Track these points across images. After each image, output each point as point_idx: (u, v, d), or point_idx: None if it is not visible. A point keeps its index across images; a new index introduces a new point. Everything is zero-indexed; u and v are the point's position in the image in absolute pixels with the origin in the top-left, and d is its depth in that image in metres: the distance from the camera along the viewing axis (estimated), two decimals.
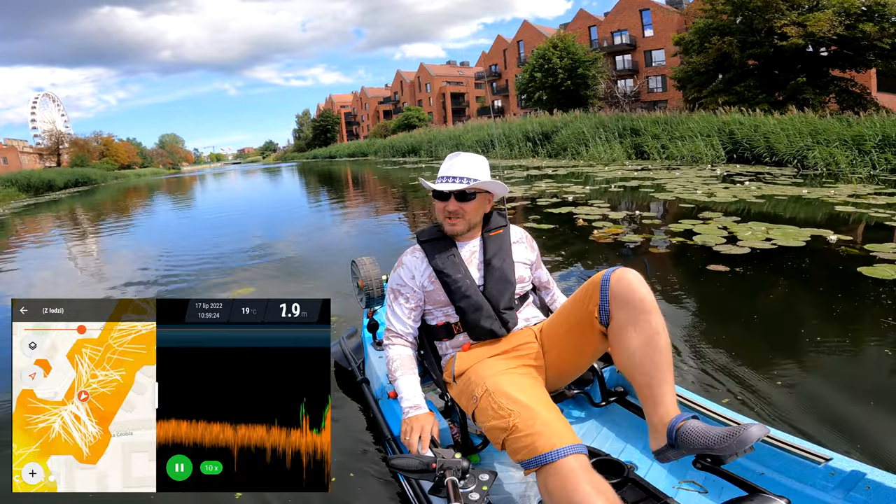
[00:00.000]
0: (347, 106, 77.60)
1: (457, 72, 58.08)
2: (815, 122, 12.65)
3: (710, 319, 3.17)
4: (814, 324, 2.98)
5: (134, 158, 66.83)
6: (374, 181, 17.83)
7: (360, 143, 52.98)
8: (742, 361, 2.49)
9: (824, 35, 15.12)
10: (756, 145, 13.00)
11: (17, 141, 59.94)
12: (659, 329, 1.28)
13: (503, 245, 1.68)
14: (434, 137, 30.29)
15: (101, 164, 50.98)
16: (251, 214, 11.18)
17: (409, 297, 1.64)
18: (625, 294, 1.31)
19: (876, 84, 21.36)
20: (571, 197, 8.45)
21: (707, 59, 18.34)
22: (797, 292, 3.59)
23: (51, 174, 31.26)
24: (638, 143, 16.28)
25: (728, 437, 1.09)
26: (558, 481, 1.09)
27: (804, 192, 7.65)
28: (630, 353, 1.29)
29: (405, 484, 1.49)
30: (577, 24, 36.71)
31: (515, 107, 38.62)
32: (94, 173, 39.26)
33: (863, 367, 2.46)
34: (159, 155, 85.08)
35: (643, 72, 33.11)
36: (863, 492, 1.19)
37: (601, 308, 1.36)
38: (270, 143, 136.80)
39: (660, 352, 1.26)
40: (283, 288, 4.33)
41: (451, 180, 1.59)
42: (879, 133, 11.22)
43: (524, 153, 20.59)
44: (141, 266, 5.75)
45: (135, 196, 21.08)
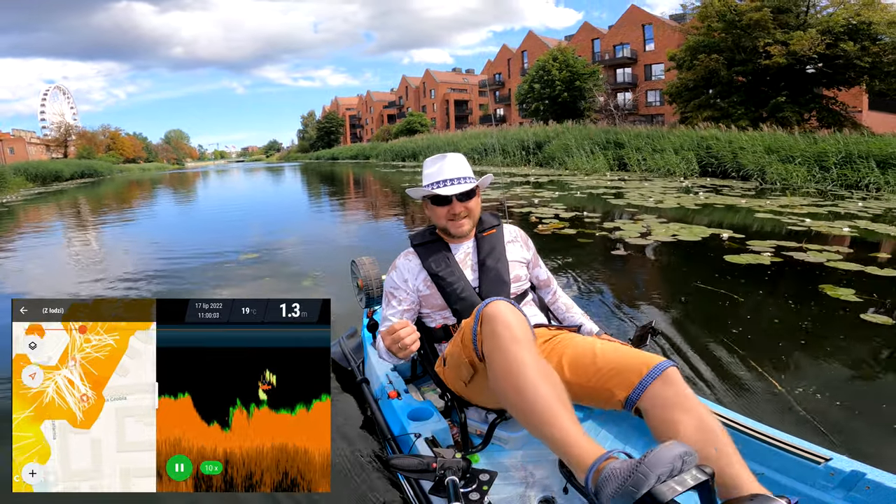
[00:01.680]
0: (353, 109, 78.65)
1: (461, 79, 58.85)
2: (782, 139, 13.31)
3: (601, 288, 4.03)
4: (674, 288, 4.14)
5: (139, 153, 67.86)
6: (371, 182, 18.53)
7: (363, 145, 53.71)
8: (618, 309, 3.42)
9: (805, 54, 15.70)
10: (725, 160, 13.71)
11: (25, 132, 60.58)
12: (706, 417, 1.14)
13: (497, 245, 1.69)
14: (433, 143, 30.92)
15: (106, 157, 51.78)
16: (252, 213, 11.28)
17: (402, 300, 1.64)
18: (662, 395, 1.19)
19: (867, 102, 21.92)
20: (538, 200, 9.15)
21: (696, 75, 19.04)
22: (670, 270, 4.74)
23: (58, 165, 31.70)
24: (620, 155, 16.98)
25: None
26: (493, 333, 1.20)
27: (742, 202, 8.35)
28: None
29: (405, 484, 1.51)
30: (581, 36, 37.58)
31: (517, 116, 39.37)
32: (100, 165, 39.93)
33: (688, 320, 3.23)
34: (164, 150, 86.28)
35: (642, 85, 33.88)
36: (863, 491, 1.20)
37: (630, 399, 1.23)
38: (275, 142, 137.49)
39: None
40: (283, 286, 4.41)
41: (454, 182, 1.59)
42: (843, 150, 11.90)
43: (517, 162, 21.29)
44: (143, 261, 5.83)
45: (139, 190, 21.48)
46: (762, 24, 16.56)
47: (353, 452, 1.93)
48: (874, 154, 11.19)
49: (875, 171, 10.82)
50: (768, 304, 3.52)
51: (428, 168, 1.66)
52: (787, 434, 1.35)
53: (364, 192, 15.09)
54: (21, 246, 7.47)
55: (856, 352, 2.70)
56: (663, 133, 16.83)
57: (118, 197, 18.07)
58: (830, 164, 11.70)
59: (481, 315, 1.26)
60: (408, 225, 7.82)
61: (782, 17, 16.83)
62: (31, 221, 11.16)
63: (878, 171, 10.81)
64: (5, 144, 46.15)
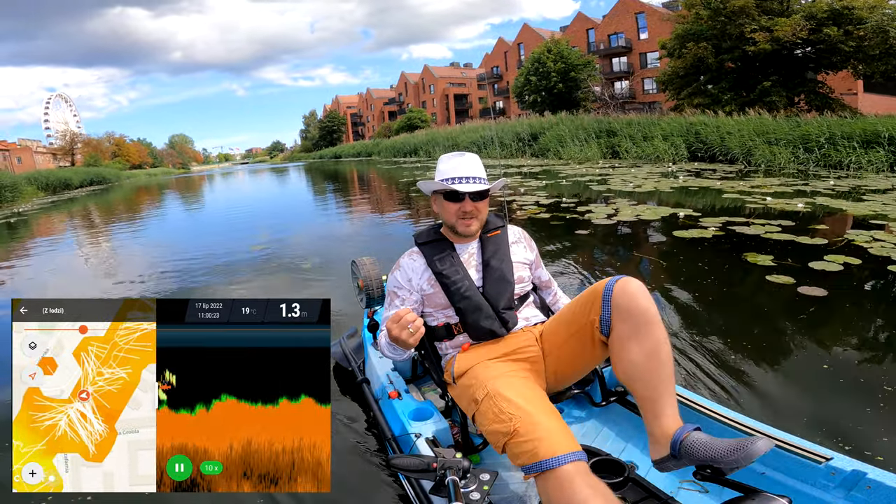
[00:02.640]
0: (353, 107, 79.23)
1: (460, 73, 59.07)
2: (767, 123, 13.67)
3: (560, 261, 4.58)
4: (617, 259, 4.82)
5: (145, 158, 68.67)
6: (374, 178, 19.08)
7: (365, 143, 54.22)
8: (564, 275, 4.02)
9: (789, 40, 16.01)
10: (713, 145, 14.09)
11: (31, 141, 61.24)
12: (661, 340, 1.30)
13: (501, 246, 1.70)
14: (432, 139, 31.43)
15: (113, 164, 52.41)
16: (258, 215, 11.40)
17: (404, 300, 1.65)
18: (628, 305, 1.33)
19: (862, 85, 22.06)
20: (524, 189, 9.66)
21: (685, 63, 19.35)
22: (622, 244, 5.42)
23: (67, 173, 32.14)
24: (612, 143, 17.38)
25: (734, 450, 1.10)
26: (558, 486, 1.11)
27: (717, 184, 8.83)
28: (632, 365, 1.30)
29: (406, 484, 1.52)
30: (576, 26, 37.81)
31: (516, 108, 39.68)
32: (108, 172, 40.55)
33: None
34: (169, 155, 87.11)
35: (638, 73, 34.06)
36: (863, 491, 1.20)
37: (603, 319, 1.37)
38: (278, 143, 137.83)
39: (662, 364, 1.28)
40: (287, 284, 4.56)
41: (469, 181, 1.60)
42: (826, 132, 12.26)
43: (514, 153, 21.76)
44: (154, 262, 6.07)
45: (147, 195, 21.96)
46: (746, 11, 16.84)
47: (353, 452, 1.96)
48: (857, 135, 11.53)
49: (857, 151, 11.18)
50: (689, 266, 4.17)
51: (444, 164, 1.66)
52: (788, 434, 1.35)
53: (364, 187, 15.70)
54: (43, 252, 7.95)
55: (753, 304, 3.28)
56: (653, 121, 17.20)
57: (130, 202, 18.68)
58: (813, 145, 12.05)
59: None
60: (404, 217, 8.25)
61: (767, 4, 17.09)
62: (50, 229, 11.79)
63: (860, 151, 11.16)
64: (13, 154, 46.73)
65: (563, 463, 1.11)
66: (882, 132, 11.00)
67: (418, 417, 1.64)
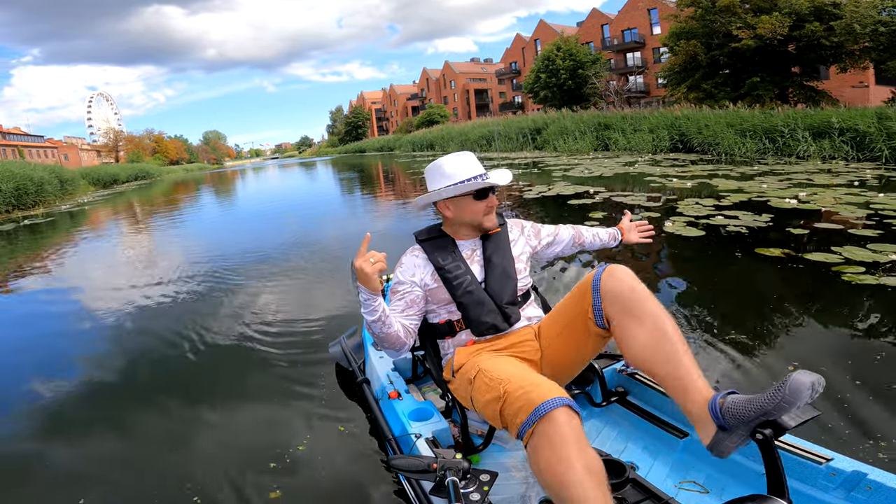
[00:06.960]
0: (378, 102, 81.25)
1: (480, 69, 60.01)
2: (743, 116, 14.88)
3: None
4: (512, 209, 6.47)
5: (182, 154, 72.48)
6: (391, 170, 20.69)
7: (388, 138, 56.33)
8: None
9: (771, 37, 17.04)
10: (691, 137, 15.46)
11: (76, 139, 65.32)
12: (658, 314, 1.29)
13: (502, 241, 1.72)
14: (447, 134, 33.15)
15: (153, 160, 55.90)
16: (289, 209, 11.33)
17: (404, 296, 1.63)
18: (614, 289, 1.35)
19: (874, 77, 22.56)
20: None
21: (679, 60, 20.47)
22: (524, 211, 6.81)
23: (115, 169, 34.59)
24: (605, 136, 18.81)
25: (775, 393, 1.03)
26: (548, 436, 1.08)
27: (657, 170, 10.36)
28: (639, 345, 1.29)
29: (406, 484, 1.51)
30: (591, 22, 38.81)
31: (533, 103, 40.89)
32: (150, 168, 43.79)
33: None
34: (203, 151, 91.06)
35: (652, 68, 34.86)
36: (864, 492, 1.20)
37: (595, 308, 1.39)
38: (306, 138, 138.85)
39: (667, 335, 1.26)
40: (318, 280, 4.63)
41: (485, 177, 1.61)
42: (791, 124, 13.49)
43: (519, 147, 23.26)
44: (196, 253, 6.38)
45: (184, 190, 23.39)
46: (732, 9, 17.94)
47: (353, 453, 1.95)
48: (814, 126, 12.75)
49: (808, 141, 12.44)
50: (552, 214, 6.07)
51: (450, 168, 1.63)
52: (788, 434, 1.26)
53: (382, 177, 17.46)
54: (124, 230, 9.92)
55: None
56: (643, 115, 18.54)
57: (172, 194, 20.65)
58: (776, 135, 13.32)
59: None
60: (402, 215, 8.56)
61: (754, 1, 18.12)
62: (117, 214, 14.05)
63: (811, 141, 12.42)
64: (60, 151, 50.38)
65: (558, 405, 1.10)
66: (833, 123, 12.24)
67: (418, 418, 1.65)
